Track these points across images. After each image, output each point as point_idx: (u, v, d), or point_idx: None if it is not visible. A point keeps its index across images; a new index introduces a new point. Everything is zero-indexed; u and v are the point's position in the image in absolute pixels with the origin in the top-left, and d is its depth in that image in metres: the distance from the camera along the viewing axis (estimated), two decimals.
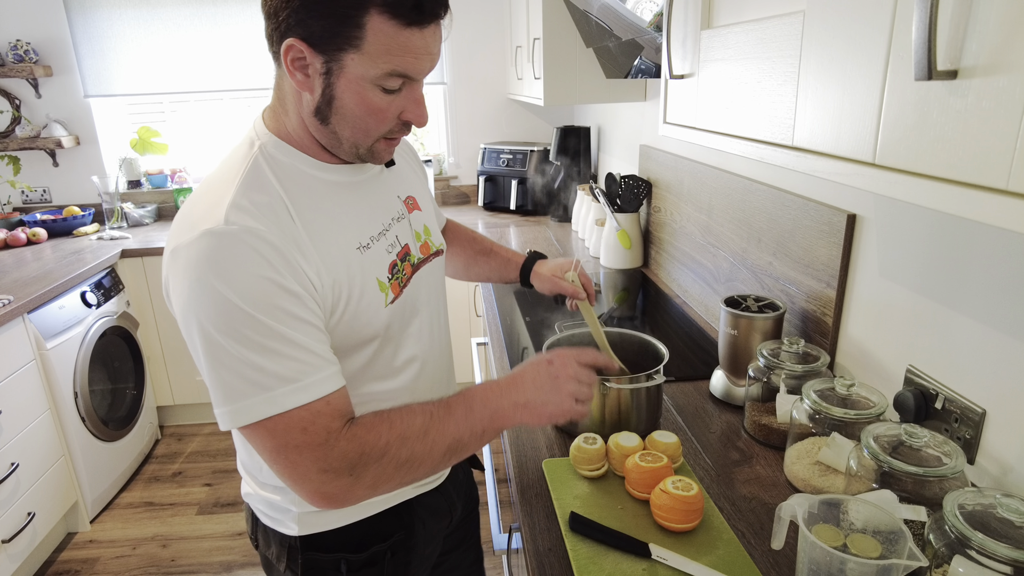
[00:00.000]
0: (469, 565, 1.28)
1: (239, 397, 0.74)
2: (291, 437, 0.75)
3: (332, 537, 0.96)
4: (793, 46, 0.79)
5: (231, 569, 2.29)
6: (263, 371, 0.74)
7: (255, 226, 0.75)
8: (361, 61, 0.75)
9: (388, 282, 0.90)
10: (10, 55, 3.14)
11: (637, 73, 2.11)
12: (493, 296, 2.07)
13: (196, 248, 0.74)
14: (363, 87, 0.77)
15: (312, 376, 0.76)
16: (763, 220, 1.51)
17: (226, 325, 0.73)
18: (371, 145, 0.84)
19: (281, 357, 0.74)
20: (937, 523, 0.74)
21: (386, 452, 0.78)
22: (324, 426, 0.76)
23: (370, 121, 0.81)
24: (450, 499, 1.11)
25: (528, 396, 0.87)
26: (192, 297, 0.73)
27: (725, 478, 1.11)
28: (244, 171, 0.81)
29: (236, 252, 0.73)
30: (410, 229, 0.98)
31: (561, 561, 0.93)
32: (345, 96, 0.78)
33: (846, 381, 1.03)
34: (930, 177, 0.58)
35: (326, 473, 0.76)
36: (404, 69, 0.77)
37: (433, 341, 1.03)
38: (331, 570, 0.96)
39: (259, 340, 0.73)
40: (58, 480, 2.35)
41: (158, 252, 2.92)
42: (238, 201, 0.77)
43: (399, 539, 1.00)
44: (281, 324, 0.75)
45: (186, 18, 3.24)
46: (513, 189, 3.30)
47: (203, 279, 0.73)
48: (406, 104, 0.82)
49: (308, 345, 0.77)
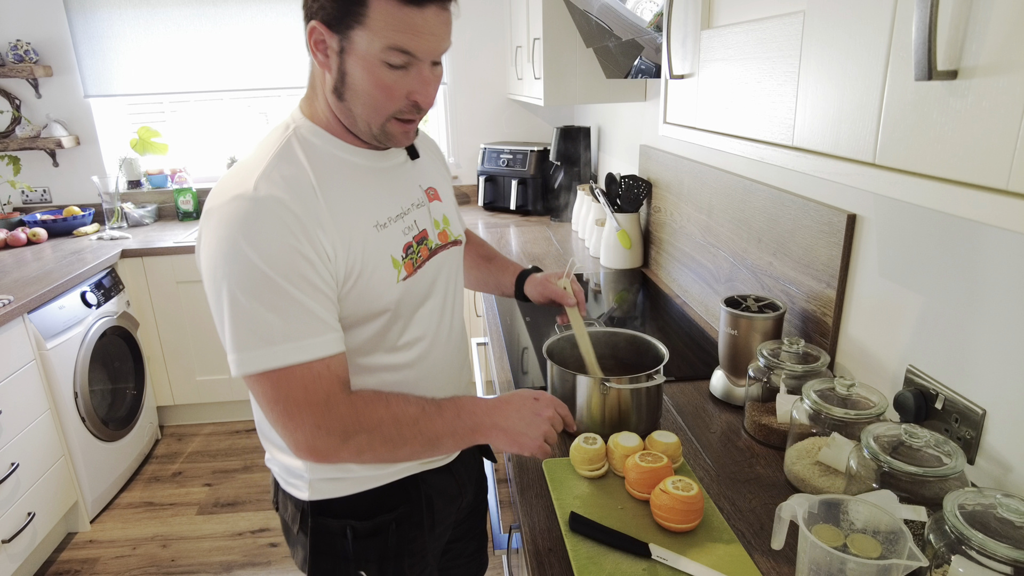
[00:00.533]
0: (472, 553, 1.31)
1: (246, 347, 0.82)
2: (292, 392, 0.83)
3: (341, 504, 1.02)
4: (793, 46, 0.79)
5: (231, 569, 2.29)
6: (270, 327, 0.81)
7: (280, 195, 0.83)
8: (366, 36, 0.82)
9: (402, 260, 0.96)
10: (10, 55, 3.14)
11: (637, 73, 2.11)
12: (493, 296, 2.07)
13: (227, 210, 0.83)
14: (370, 62, 0.84)
15: (313, 338, 0.84)
16: (763, 220, 1.51)
17: (244, 281, 0.81)
18: (383, 124, 0.90)
19: (289, 317, 0.82)
20: (937, 523, 0.74)
21: (378, 427, 0.86)
22: (325, 388, 0.84)
23: (378, 97, 0.86)
24: (460, 481, 1.15)
25: (508, 423, 0.94)
26: (218, 253, 0.82)
27: (725, 478, 1.11)
28: (277, 148, 0.89)
29: (260, 217, 0.82)
30: (429, 216, 1.04)
31: (561, 561, 0.93)
32: (356, 72, 0.85)
33: (846, 381, 1.03)
34: (930, 177, 0.58)
35: (319, 429, 0.84)
36: (404, 44, 0.82)
37: (442, 325, 1.06)
38: (338, 535, 1.03)
39: (271, 299, 0.81)
40: (58, 480, 2.35)
41: (158, 252, 2.92)
42: (268, 173, 0.86)
43: (404, 512, 1.05)
44: (293, 287, 0.82)
45: (186, 18, 3.24)
46: (513, 189, 3.30)
47: (229, 238, 0.81)
48: (413, 84, 0.87)
49: (314, 310, 0.84)
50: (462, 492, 1.16)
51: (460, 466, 1.15)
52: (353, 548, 1.03)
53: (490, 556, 1.39)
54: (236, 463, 2.93)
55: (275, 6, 3.25)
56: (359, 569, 1.04)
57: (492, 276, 1.35)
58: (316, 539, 1.03)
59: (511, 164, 3.32)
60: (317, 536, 1.03)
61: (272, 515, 2.56)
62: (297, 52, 3.33)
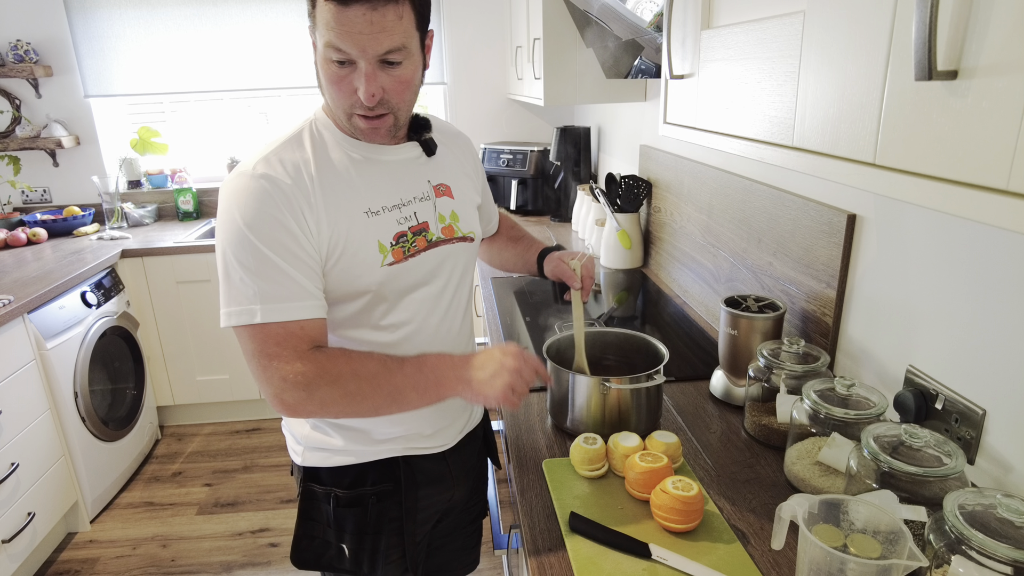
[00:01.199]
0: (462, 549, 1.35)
1: (232, 303, 0.92)
2: (266, 346, 0.92)
3: (328, 473, 1.10)
4: (793, 46, 0.79)
5: (231, 569, 2.29)
6: (252, 288, 0.91)
7: (272, 174, 0.93)
8: (317, 35, 0.90)
9: (390, 247, 1.01)
10: (10, 55, 3.14)
11: (637, 73, 2.11)
12: (493, 296, 2.07)
13: (230, 186, 0.94)
14: (323, 59, 0.91)
15: (289, 302, 0.92)
16: (763, 220, 1.51)
17: (234, 247, 0.92)
18: (348, 119, 0.96)
19: (269, 280, 0.91)
20: (937, 523, 0.74)
21: (338, 379, 0.93)
22: (294, 345, 0.93)
23: (333, 92, 0.93)
24: (454, 472, 1.18)
25: (471, 375, 0.97)
26: (220, 222, 0.94)
27: (725, 478, 1.11)
28: (287, 137, 0.99)
29: (252, 192, 0.92)
30: (434, 211, 1.08)
31: (561, 561, 0.93)
32: (318, 67, 0.94)
33: (846, 381, 1.03)
34: (930, 177, 0.58)
35: (285, 382, 0.92)
36: (335, 42, 0.88)
37: (434, 314, 1.09)
38: (323, 501, 1.11)
39: (255, 264, 0.91)
40: (58, 480, 2.35)
41: (158, 252, 2.92)
42: (268, 156, 0.96)
43: (386, 490, 1.11)
44: (275, 255, 0.91)
45: (186, 18, 3.24)
46: (513, 189, 3.30)
47: (229, 210, 0.93)
48: (357, 81, 0.91)
49: (294, 276, 0.93)
50: (454, 483, 1.18)
51: (456, 457, 1.17)
52: (334, 515, 1.10)
53: (490, 556, 1.39)
54: (236, 463, 2.93)
55: (275, 6, 3.25)
56: (339, 540, 1.11)
57: (520, 256, 1.38)
58: (305, 503, 1.12)
59: (511, 164, 3.31)
60: (305, 500, 1.12)
61: (272, 515, 2.56)
62: (297, 52, 3.33)
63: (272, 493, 2.70)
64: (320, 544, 1.12)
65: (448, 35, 3.43)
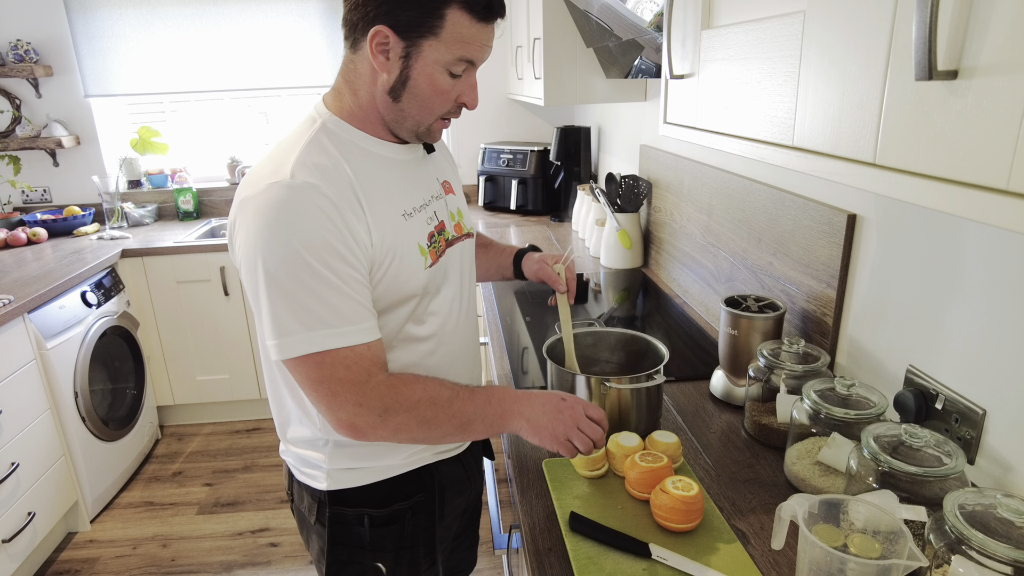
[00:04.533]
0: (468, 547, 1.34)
1: (287, 332, 0.85)
2: (335, 371, 0.87)
3: (357, 493, 1.04)
4: (793, 46, 0.79)
5: (231, 569, 2.29)
6: (311, 312, 0.85)
7: (316, 183, 0.86)
8: (437, 47, 0.88)
9: (427, 248, 1.00)
10: (10, 55, 3.14)
11: (637, 73, 2.11)
12: (493, 296, 2.07)
13: (264, 198, 0.84)
14: (435, 70, 0.89)
15: (352, 325, 0.87)
16: (763, 220, 1.51)
17: (284, 267, 0.84)
18: (431, 124, 0.96)
19: (328, 303, 0.85)
20: (937, 523, 0.74)
21: (415, 407, 0.90)
22: (366, 368, 0.88)
23: (435, 101, 0.92)
24: (470, 472, 1.19)
25: (534, 414, 0.97)
26: (259, 239, 0.84)
27: (725, 478, 1.11)
28: (307, 140, 0.92)
29: (299, 204, 0.84)
30: (446, 208, 1.08)
31: (561, 561, 0.93)
32: (419, 77, 0.90)
33: (846, 381, 1.03)
34: (930, 177, 0.58)
35: (360, 407, 0.88)
36: (471, 56, 0.90)
37: (459, 310, 1.10)
38: (355, 524, 1.05)
39: (311, 284, 0.84)
40: (58, 480, 2.35)
41: (158, 252, 2.92)
42: (303, 160, 0.88)
43: (420, 500, 1.08)
44: (332, 273, 0.85)
45: (187, 18, 3.24)
46: (513, 189, 3.30)
47: (271, 225, 0.83)
48: (464, 88, 0.94)
49: (354, 296, 0.88)
50: (471, 483, 1.20)
51: (470, 457, 1.19)
52: (370, 536, 1.05)
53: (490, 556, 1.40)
54: (236, 463, 2.93)
55: (275, 6, 3.25)
56: (375, 559, 1.07)
57: (492, 261, 1.37)
58: (334, 528, 1.05)
59: (511, 164, 3.31)
60: (335, 525, 1.05)
61: (272, 515, 2.56)
62: (297, 52, 3.33)
63: (272, 493, 2.70)
64: (354, 568, 1.07)
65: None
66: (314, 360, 0.86)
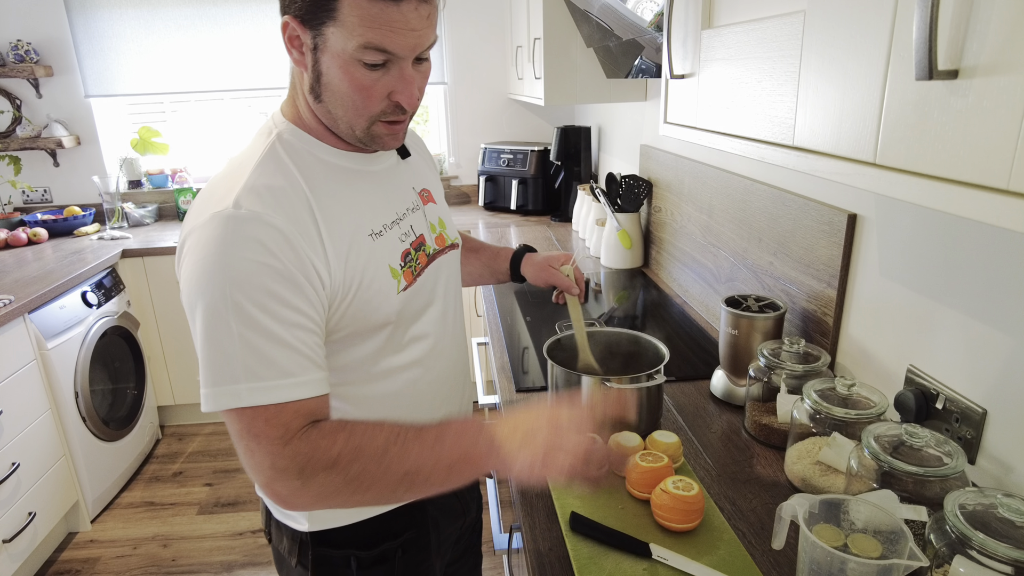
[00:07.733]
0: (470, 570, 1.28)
1: (215, 382, 0.74)
2: (253, 425, 0.74)
3: (343, 533, 0.95)
4: (793, 46, 0.79)
5: (231, 569, 2.29)
6: (242, 364, 0.73)
7: (261, 211, 0.76)
8: (340, 34, 0.75)
9: (400, 270, 0.90)
10: (11, 55, 3.14)
11: (637, 73, 2.10)
12: (493, 296, 2.07)
13: (206, 232, 0.75)
14: (345, 61, 0.77)
15: (288, 379, 0.75)
16: (764, 220, 1.51)
17: (220, 313, 0.73)
18: (368, 127, 0.83)
19: (262, 354, 0.74)
20: (938, 523, 0.74)
21: (336, 463, 0.74)
22: (285, 423, 0.74)
23: (357, 99, 0.80)
24: (464, 500, 1.12)
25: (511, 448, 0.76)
26: (197, 280, 0.74)
27: (726, 478, 1.11)
28: (260, 156, 0.82)
29: (240, 239, 0.74)
30: (425, 220, 0.99)
31: (561, 561, 0.93)
32: (331, 71, 0.78)
33: (847, 381, 1.03)
34: (931, 177, 0.58)
35: (275, 470, 0.74)
36: (379, 42, 0.75)
37: (446, 328, 1.01)
38: (341, 566, 0.96)
39: (245, 334, 0.73)
40: (59, 480, 2.35)
41: (159, 252, 2.92)
42: (251, 184, 0.78)
43: (411, 538, 0.99)
44: (271, 319, 0.74)
45: (187, 18, 3.24)
46: (513, 189, 3.30)
47: (206, 264, 0.74)
48: (394, 84, 0.80)
49: (294, 345, 0.76)
50: (466, 510, 1.13)
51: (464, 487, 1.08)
52: None
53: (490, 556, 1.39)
54: (236, 463, 2.93)
55: (276, 6, 3.24)
56: None
57: (485, 266, 1.32)
58: (319, 571, 0.96)
59: (511, 164, 3.32)
60: (319, 567, 0.96)
61: None
62: None
63: None
64: None
65: (448, 35, 3.43)
66: (235, 413, 0.74)
